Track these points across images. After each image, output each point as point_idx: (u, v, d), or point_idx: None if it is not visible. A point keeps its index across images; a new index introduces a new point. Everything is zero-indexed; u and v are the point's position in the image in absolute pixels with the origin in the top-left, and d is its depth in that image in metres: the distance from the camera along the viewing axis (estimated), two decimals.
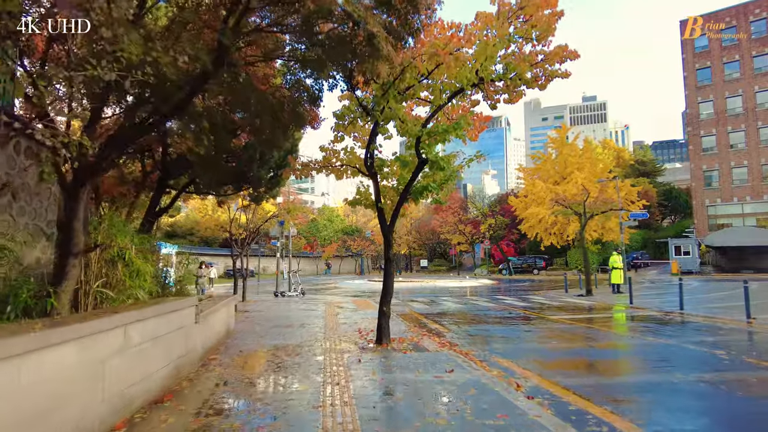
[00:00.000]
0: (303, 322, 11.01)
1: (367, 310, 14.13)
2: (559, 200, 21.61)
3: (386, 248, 8.10)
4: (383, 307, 7.92)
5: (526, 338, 9.06)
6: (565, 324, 10.88)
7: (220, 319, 7.97)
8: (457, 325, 11.01)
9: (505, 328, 10.41)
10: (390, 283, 8.06)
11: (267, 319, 11.95)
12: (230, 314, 9.18)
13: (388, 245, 8.10)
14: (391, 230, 8.19)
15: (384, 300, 7.99)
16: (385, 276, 8.09)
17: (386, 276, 8.09)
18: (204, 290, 15.94)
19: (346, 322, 11.12)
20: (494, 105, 8.52)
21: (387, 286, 8.04)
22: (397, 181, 8.17)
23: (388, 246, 8.09)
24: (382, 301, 7.99)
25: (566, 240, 40.95)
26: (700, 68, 46.06)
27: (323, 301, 17.53)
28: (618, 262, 19.93)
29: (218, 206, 15.93)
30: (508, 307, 14.97)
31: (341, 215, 73.96)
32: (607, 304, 15.58)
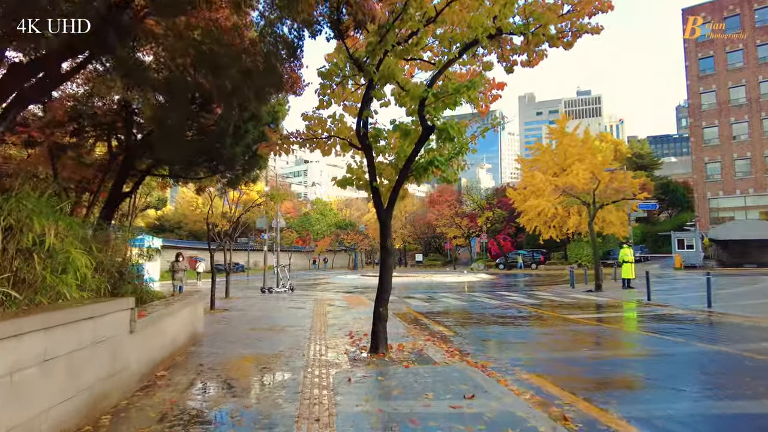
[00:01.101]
0: (287, 324, 9.57)
1: (359, 308, 12.71)
2: (566, 189, 20.31)
3: (383, 236, 6.66)
4: (379, 308, 6.50)
5: (549, 343, 7.68)
6: (588, 325, 9.53)
7: (180, 324, 6.51)
8: (463, 326, 9.63)
9: (521, 330, 9.03)
10: (388, 279, 6.64)
11: (247, 319, 10.49)
12: (197, 316, 7.71)
13: (386, 233, 6.66)
14: (390, 215, 6.75)
15: (380, 299, 6.56)
16: (383, 269, 6.66)
17: (383, 269, 6.66)
18: (182, 287, 14.53)
19: (335, 323, 9.69)
20: (510, 68, 7.10)
21: (384, 282, 6.62)
22: (396, 155, 6.72)
23: (386, 234, 6.66)
24: (378, 301, 6.57)
25: (565, 233, 39.79)
26: (703, 57, 44.89)
27: (313, 298, 16.09)
28: (629, 255, 18.66)
29: (197, 194, 14.33)
30: (515, 304, 13.62)
31: (335, 209, 72.58)
32: (622, 300, 14.27)
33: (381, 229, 6.70)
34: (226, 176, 9.69)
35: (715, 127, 43.74)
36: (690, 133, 46.11)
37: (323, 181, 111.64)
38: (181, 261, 14.62)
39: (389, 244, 6.66)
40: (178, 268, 14.69)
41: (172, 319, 5.96)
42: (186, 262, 43.26)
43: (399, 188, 6.65)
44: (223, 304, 14.17)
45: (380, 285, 6.66)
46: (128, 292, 6.67)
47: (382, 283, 6.64)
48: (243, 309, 12.90)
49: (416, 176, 6.65)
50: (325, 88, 6.71)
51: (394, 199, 6.72)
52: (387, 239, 6.65)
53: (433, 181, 35.36)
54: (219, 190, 12.17)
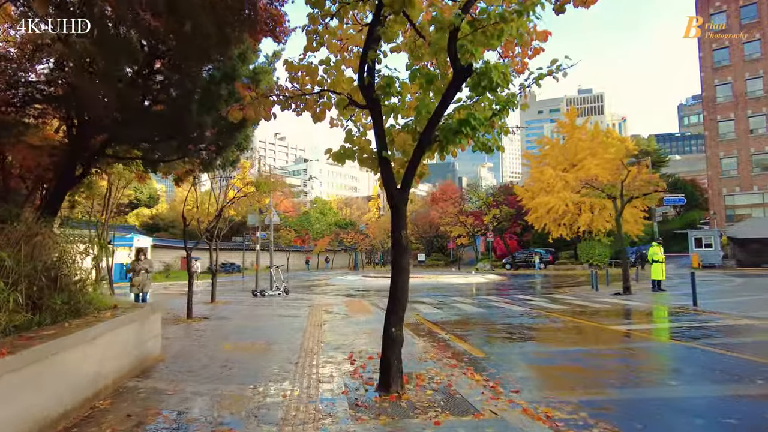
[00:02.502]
0: (273, 339, 7.69)
1: (361, 316, 10.84)
2: (589, 182, 18.44)
3: (396, 227, 4.78)
4: (392, 328, 4.63)
5: (622, 371, 5.77)
6: (650, 341, 7.65)
7: (112, 352, 4.63)
8: (492, 342, 7.75)
9: (568, 349, 7.14)
10: (403, 287, 4.75)
11: (226, 332, 8.61)
12: (149, 335, 5.83)
13: (400, 222, 4.78)
14: (405, 198, 4.88)
15: (393, 316, 4.69)
16: (395, 273, 4.77)
17: (397, 273, 4.76)
18: (145, 295, 11.18)
19: (333, 338, 7.81)
20: (561, 6, 5.22)
21: (398, 290, 4.73)
22: (416, 114, 4.82)
23: (400, 223, 4.78)
24: (389, 318, 4.69)
25: (576, 232, 37.92)
26: (717, 48, 43.02)
27: (309, 303, 14.21)
28: (659, 254, 16.77)
29: (176, 185, 12.46)
30: (542, 310, 11.74)
31: (334, 208, 70.87)
32: (664, 306, 12.39)
33: (393, 217, 4.82)
34: (197, 157, 7.81)
35: (731, 120, 41.94)
36: (704, 127, 44.27)
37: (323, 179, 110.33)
38: (142, 259, 11.06)
39: (404, 238, 4.77)
40: (138, 267, 11.01)
41: (87, 350, 4.08)
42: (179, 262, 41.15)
43: (418, 159, 4.78)
44: (206, 311, 12.30)
45: (392, 295, 4.77)
46: (57, 303, 4.86)
47: (394, 292, 4.76)
48: (226, 317, 11.03)
49: (442, 142, 4.76)
50: (315, 22, 4.83)
51: (411, 176, 4.84)
52: (401, 230, 4.77)
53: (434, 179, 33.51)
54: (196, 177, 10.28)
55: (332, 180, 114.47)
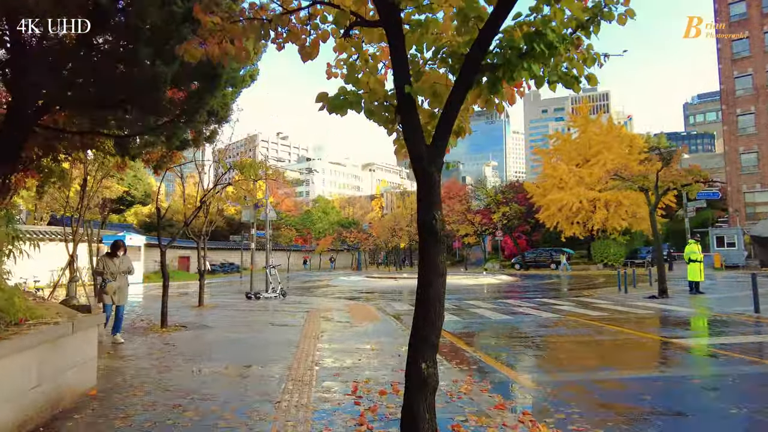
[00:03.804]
0: (254, 360, 6.01)
1: (366, 324, 9.15)
2: (618, 172, 16.71)
3: (425, 207, 3.08)
4: (419, 361, 2.93)
5: (744, 419, 4.08)
6: (752, 363, 5.93)
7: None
8: (540, 365, 6.05)
9: (650, 375, 5.38)
10: (436, 299, 3.04)
11: (197, 350, 6.93)
12: (74, 361, 4.17)
13: (431, 197, 3.08)
14: (439, 159, 3.18)
15: (422, 343, 2.99)
16: (425, 277, 3.07)
17: (426, 276, 3.06)
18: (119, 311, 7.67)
19: (331, 358, 6.12)
20: None
21: (429, 305, 3.03)
22: (460, 23, 3.11)
23: (431, 200, 3.08)
24: (416, 346, 2.99)
25: (589, 230, 36.12)
26: (737, 39, 41.10)
27: (306, 308, 12.54)
28: (697, 252, 15.02)
29: (155, 173, 10.82)
30: (577, 318, 10.02)
31: (337, 207, 69.37)
32: (721, 313, 10.63)
33: (421, 190, 3.13)
34: (161, 132, 6.11)
35: (751, 114, 40.07)
36: (723, 121, 42.39)
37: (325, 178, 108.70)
38: (119, 257, 7.62)
39: (437, 223, 3.08)
40: (112, 269, 7.52)
41: None
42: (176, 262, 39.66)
43: (460, 99, 3.09)
44: (188, 317, 10.66)
45: (420, 312, 3.07)
46: None
47: (424, 306, 3.05)
48: (208, 325, 9.36)
49: (498, 73, 3.06)
50: None
51: (448, 127, 3.16)
52: (433, 211, 3.07)
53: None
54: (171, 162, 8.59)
55: (335, 179, 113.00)
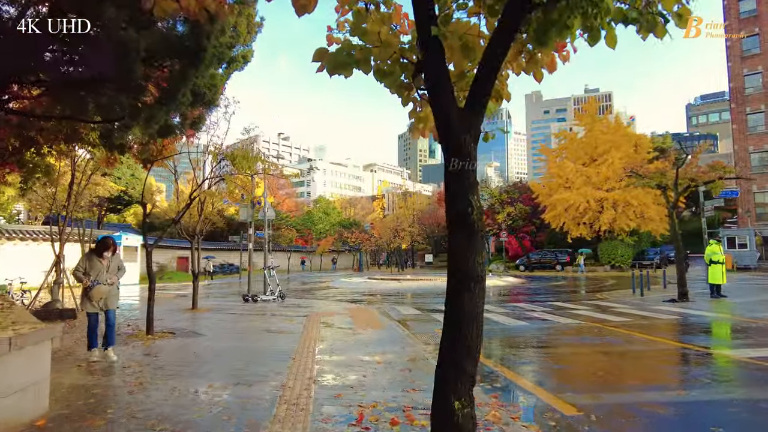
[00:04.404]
0: (243, 377, 5.21)
1: (371, 332, 8.35)
2: (635, 169, 15.90)
3: (457, 192, 2.29)
4: (451, 398, 2.14)
5: None
6: None
7: None
8: (573, 381, 5.25)
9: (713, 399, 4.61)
10: (472, 314, 2.25)
11: (180, 362, 6.14)
12: (18, 384, 3.37)
13: (464, 182, 2.29)
14: (475, 127, 2.39)
15: (453, 370, 2.20)
16: (457, 284, 2.28)
17: (459, 283, 2.27)
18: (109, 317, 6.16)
19: (332, 374, 5.33)
20: None
21: (462, 323, 2.24)
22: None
23: (465, 183, 2.29)
24: (445, 376, 2.20)
25: (595, 231, 35.28)
26: (747, 36, 40.31)
27: (305, 312, 11.75)
28: (719, 253, 14.24)
29: (144, 168, 10.09)
30: (600, 324, 9.20)
31: (338, 208, 68.65)
32: (752, 319, 9.79)
33: (449, 161, 2.34)
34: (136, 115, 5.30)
35: (762, 113, 39.31)
36: (732, 119, 41.59)
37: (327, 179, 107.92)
38: (108, 257, 6.15)
39: (473, 209, 2.28)
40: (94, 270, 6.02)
41: None
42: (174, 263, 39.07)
43: (503, 49, 2.30)
44: (180, 321, 9.89)
45: (450, 326, 2.28)
46: None
47: (455, 319, 2.26)
48: (198, 332, 8.58)
49: (549, 19, 2.27)
50: None
51: (488, 83, 2.36)
52: (468, 196, 2.28)
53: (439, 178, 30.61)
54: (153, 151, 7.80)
55: (336, 180, 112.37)
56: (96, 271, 6.10)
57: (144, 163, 10.34)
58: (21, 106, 7.92)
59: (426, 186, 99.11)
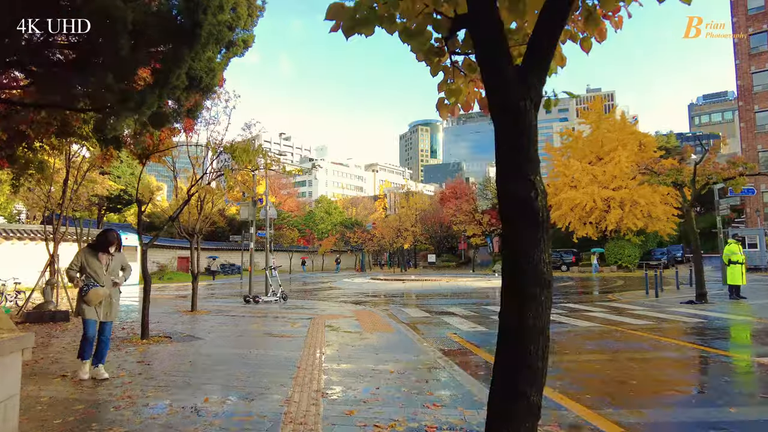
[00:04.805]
0: (242, 388, 4.70)
1: (379, 336, 7.83)
2: (649, 166, 15.37)
3: (514, 166, 1.79)
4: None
5: None
6: None
7: None
8: (611, 392, 4.72)
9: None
10: (535, 337, 1.74)
11: (176, 369, 5.64)
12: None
13: (520, 155, 1.78)
14: (536, 84, 1.88)
15: (512, 408, 1.69)
16: (518, 295, 1.77)
17: (521, 294, 1.77)
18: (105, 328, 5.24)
19: (341, 386, 4.82)
20: None
21: (523, 345, 1.74)
22: None
23: (521, 157, 1.78)
24: (498, 421, 1.69)
25: (602, 231, 34.74)
26: (755, 33, 39.77)
27: (309, 314, 11.25)
28: (738, 253, 13.69)
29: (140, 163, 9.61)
30: (619, 328, 8.67)
31: (340, 207, 68.18)
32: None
33: (503, 140, 1.83)
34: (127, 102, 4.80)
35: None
36: (740, 117, 41.06)
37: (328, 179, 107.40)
38: (110, 255, 5.22)
39: (537, 192, 1.78)
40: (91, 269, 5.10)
41: None
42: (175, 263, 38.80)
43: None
44: (177, 325, 9.39)
45: (508, 341, 1.78)
46: None
47: (514, 334, 1.76)
48: (196, 336, 8.08)
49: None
50: None
51: (553, 34, 1.86)
52: (527, 173, 1.78)
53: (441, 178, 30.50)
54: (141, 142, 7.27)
55: (337, 180, 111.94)
56: (94, 270, 5.09)
57: (140, 158, 9.83)
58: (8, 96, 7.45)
59: (428, 186, 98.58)
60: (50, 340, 7.67)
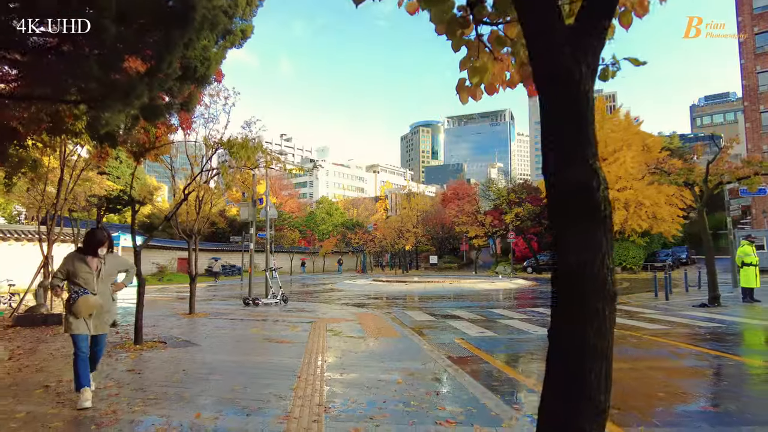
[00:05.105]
0: (237, 401, 4.34)
1: (383, 341, 7.46)
2: (660, 165, 14.99)
3: (568, 147, 1.44)
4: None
5: None
6: None
7: None
8: (639, 410, 4.34)
9: None
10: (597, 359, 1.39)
11: (169, 379, 5.27)
12: None
13: (577, 129, 1.42)
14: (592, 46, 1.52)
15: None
16: (576, 308, 1.41)
17: (578, 307, 1.41)
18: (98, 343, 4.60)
19: (344, 396, 4.44)
20: None
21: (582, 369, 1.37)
22: None
23: (577, 134, 1.42)
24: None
25: None
26: (761, 32, 39.40)
27: (309, 317, 10.89)
28: (751, 255, 13.33)
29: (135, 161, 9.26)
30: (636, 333, 8.28)
31: (341, 208, 67.85)
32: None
33: (551, 115, 1.48)
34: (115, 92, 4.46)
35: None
36: (745, 118, 40.67)
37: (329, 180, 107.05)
38: (98, 257, 4.50)
39: (598, 178, 1.42)
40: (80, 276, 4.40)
41: None
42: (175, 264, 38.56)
43: None
44: (173, 329, 9.03)
45: (561, 363, 1.43)
46: None
47: (570, 356, 1.40)
48: (192, 341, 7.72)
49: None
50: None
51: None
52: (585, 155, 1.41)
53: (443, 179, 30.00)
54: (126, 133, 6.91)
55: (338, 181, 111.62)
56: (83, 277, 4.39)
57: (135, 156, 9.48)
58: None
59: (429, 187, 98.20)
60: (38, 346, 7.32)
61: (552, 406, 1.45)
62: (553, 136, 1.50)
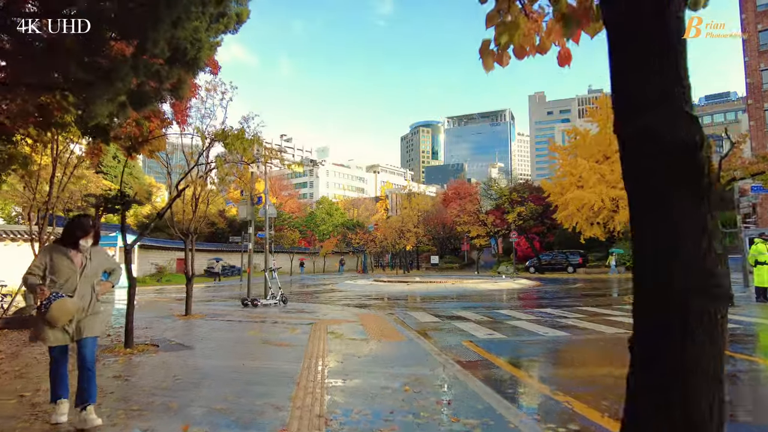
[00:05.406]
0: (230, 412, 3.94)
1: (387, 345, 7.07)
2: None
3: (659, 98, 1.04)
4: None
5: None
6: None
7: None
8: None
9: None
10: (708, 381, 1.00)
11: (157, 387, 4.88)
12: None
13: (668, 73, 1.03)
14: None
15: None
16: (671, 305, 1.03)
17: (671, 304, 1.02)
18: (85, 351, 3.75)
19: (347, 405, 4.05)
20: None
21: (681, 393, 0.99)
22: None
23: (667, 66, 1.03)
24: None
25: (609, 232, 33.92)
26: (765, 29, 39.04)
27: (310, 318, 10.50)
28: (765, 254, 12.91)
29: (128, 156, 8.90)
30: None
31: (341, 209, 67.51)
32: None
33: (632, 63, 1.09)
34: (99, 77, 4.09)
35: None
36: (749, 115, 40.27)
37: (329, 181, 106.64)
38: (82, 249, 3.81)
39: (701, 136, 1.03)
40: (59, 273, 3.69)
41: None
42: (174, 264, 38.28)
43: None
44: (168, 331, 8.64)
45: (650, 381, 1.04)
46: None
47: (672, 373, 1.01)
48: (186, 344, 7.33)
49: None
50: None
51: None
52: (684, 110, 1.03)
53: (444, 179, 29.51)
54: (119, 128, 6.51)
55: (339, 181, 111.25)
56: (64, 274, 3.67)
57: (128, 150, 9.10)
58: None
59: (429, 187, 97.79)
60: (22, 350, 6.93)
61: None
62: (629, 72, 1.11)
